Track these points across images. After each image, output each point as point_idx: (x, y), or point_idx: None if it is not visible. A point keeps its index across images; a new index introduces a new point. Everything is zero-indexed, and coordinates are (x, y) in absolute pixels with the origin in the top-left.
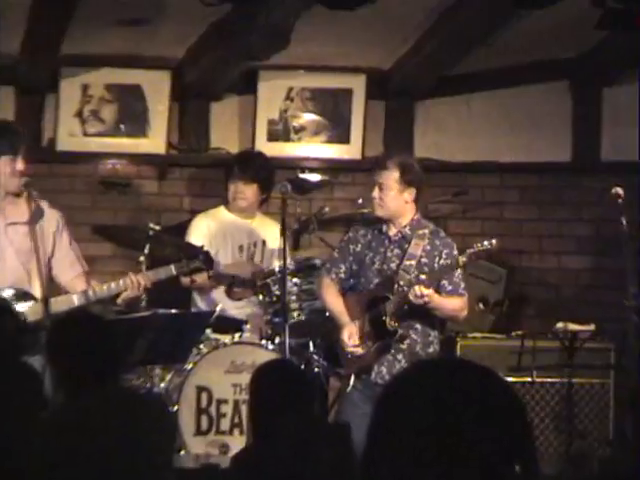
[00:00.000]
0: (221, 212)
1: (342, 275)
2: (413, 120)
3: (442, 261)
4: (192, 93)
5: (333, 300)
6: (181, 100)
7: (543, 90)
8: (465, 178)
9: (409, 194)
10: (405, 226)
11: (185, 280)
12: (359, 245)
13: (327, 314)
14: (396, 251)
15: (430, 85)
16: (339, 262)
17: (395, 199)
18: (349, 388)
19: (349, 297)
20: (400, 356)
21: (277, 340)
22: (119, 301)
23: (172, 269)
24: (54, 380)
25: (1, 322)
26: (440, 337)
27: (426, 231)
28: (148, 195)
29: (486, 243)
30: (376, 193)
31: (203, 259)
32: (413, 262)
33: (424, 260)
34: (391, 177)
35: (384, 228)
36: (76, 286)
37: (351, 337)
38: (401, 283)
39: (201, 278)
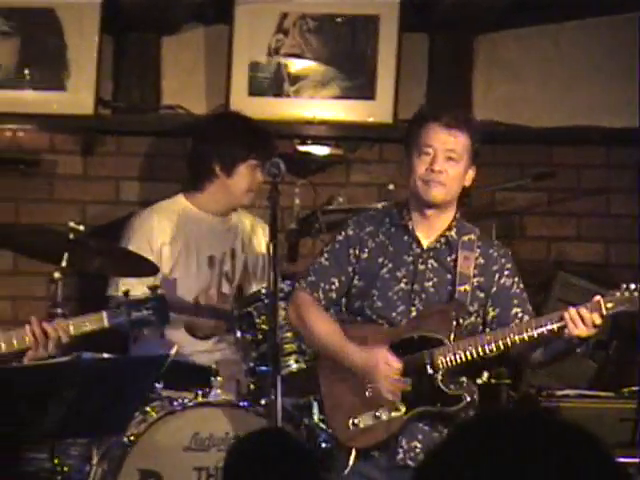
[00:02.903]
0: (181, 205)
1: (333, 295)
2: (472, 64)
3: (504, 280)
4: (134, 23)
5: (327, 325)
6: (117, 33)
7: None
8: (551, 152)
9: (470, 176)
10: (450, 227)
11: None
12: (366, 249)
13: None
14: (431, 263)
15: (497, 10)
16: (331, 274)
17: (461, 179)
18: (347, 470)
19: (353, 329)
20: (442, 425)
21: (264, 400)
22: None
23: (104, 319)
24: None
25: None
26: (514, 395)
27: (472, 237)
28: (67, 179)
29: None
30: (442, 164)
31: (154, 306)
32: (468, 287)
33: (479, 280)
34: (465, 143)
35: (410, 225)
36: None
37: (391, 366)
38: (461, 321)
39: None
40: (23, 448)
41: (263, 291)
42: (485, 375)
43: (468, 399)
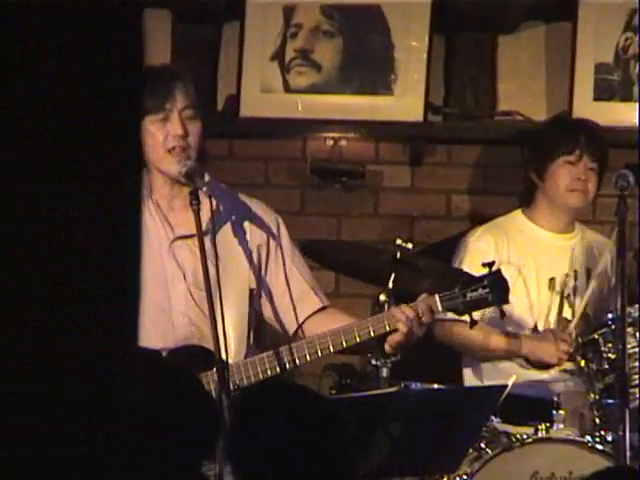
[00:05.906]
0: (519, 222)
1: None
2: None
3: None
4: (467, 21)
5: None
6: (449, 33)
7: None
8: None
9: None
10: None
11: None
12: None
13: None
14: None
15: None
16: None
17: None
18: None
19: None
20: None
21: (611, 436)
22: (386, 348)
23: (437, 303)
24: None
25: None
26: None
27: None
28: (394, 191)
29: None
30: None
31: (491, 283)
32: None
33: None
34: None
35: None
36: (323, 328)
37: None
38: None
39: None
40: None
41: (610, 316)
42: None
43: None
